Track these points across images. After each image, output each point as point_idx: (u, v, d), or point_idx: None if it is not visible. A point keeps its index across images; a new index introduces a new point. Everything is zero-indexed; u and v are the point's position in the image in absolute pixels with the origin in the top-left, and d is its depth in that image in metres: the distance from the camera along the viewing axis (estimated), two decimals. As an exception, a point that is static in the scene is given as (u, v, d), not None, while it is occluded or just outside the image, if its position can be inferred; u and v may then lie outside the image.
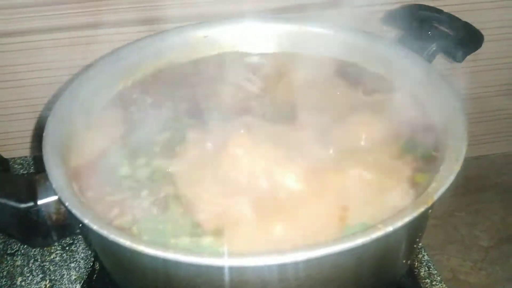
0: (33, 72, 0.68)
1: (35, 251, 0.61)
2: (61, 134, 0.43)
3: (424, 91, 0.49)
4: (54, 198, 0.38)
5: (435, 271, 0.58)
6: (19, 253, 0.61)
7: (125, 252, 0.33)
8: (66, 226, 0.39)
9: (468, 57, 0.53)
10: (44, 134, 0.41)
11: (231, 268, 0.30)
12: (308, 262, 0.30)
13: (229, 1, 0.65)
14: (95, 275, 0.57)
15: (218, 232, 0.35)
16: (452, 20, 0.56)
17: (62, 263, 0.60)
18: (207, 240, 0.34)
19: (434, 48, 0.55)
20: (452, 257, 1.04)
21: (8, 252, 0.61)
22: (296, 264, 0.31)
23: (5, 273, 0.59)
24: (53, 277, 0.58)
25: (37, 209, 0.37)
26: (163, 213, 0.38)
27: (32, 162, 0.74)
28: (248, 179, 0.38)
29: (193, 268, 0.30)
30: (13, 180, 0.38)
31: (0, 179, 0.37)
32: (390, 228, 0.31)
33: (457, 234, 1.08)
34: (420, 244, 0.49)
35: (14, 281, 0.58)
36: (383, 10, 0.62)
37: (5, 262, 0.60)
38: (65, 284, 0.58)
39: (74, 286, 0.57)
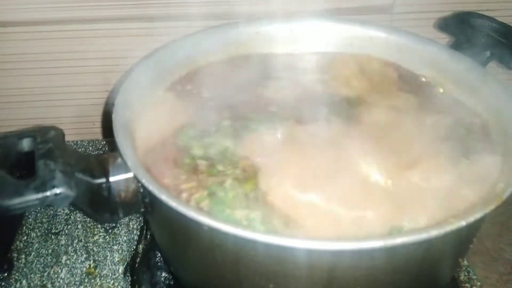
0: (105, 60, 0.69)
1: (78, 231, 0.63)
2: (126, 118, 0.44)
3: (480, 94, 0.50)
4: (124, 176, 0.39)
5: (475, 276, 0.58)
6: (63, 232, 0.63)
7: (196, 230, 0.34)
8: (133, 204, 0.40)
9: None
10: (113, 116, 0.42)
11: (307, 251, 0.31)
12: (380, 250, 0.31)
13: (280, 1, 0.66)
14: (138, 258, 0.58)
15: (288, 218, 0.36)
16: (505, 28, 0.57)
17: (105, 245, 0.61)
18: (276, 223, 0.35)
19: (487, 55, 0.55)
20: (477, 269, 1.03)
21: (53, 231, 0.63)
22: (368, 251, 0.31)
23: (50, 250, 0.60)
24: (96, 258, 0.59)
25: (108, 186, 0.38)
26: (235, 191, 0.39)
27: (104, 144, 0.75)
28: (326, 168, 0.39)
29: (268, 248, 0.31)
30: (85, 157, 0.39)
31: (76, 156, 0.38)
32: (463, 223, 0.32)
33: (482, 246, 1.08)
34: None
35: (59, 259, 0.59)
36: (436, 17, 0.63)
37: (50, 241, 0.62)
38: (108, 265, 0.59)
39: (117, 267, 0.58)
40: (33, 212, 0.65)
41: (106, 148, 0.75)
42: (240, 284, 0.37)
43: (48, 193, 0.32)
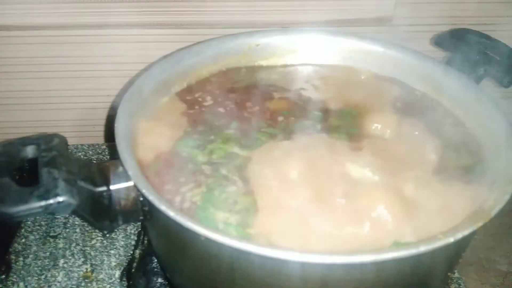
0: (106, 65, 0.71)
1: (76, 235, 0.64)
2: (129, 127, 0.45)
3: (473, 111, 0.51)
4: (125, 184, 0.40)
5: (465, 288, 0.59)
6: (61, 236, 0.64)
7: (192, 240, 0.35)
8: (132, 212, 0.41)
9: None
10: (115, 125, 0.43)
11: (301, 264, 0.32)
12: (371, 265, 0.32)
13: (283, 11, 0.67)
14: (134, 263, 0.59)
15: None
16: (500, 46, 0.58)
17: (103, 249, 0.62)
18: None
19: (481, 72, 0.57)
20: (470, 279, 1.05)
21: (51, 234, 0.64)
22: (359, 265, 0.32)
23: (48, 254, 0.61)
24: (93, 262, 0.60)
25: (109, 194, 0.39)
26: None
27: (104, 148, 0.76)
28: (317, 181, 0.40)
29: (263, 260, 0.32)
30: (87, 165, 0.40)
31: (78, 164, 0.39)
32: (451, 239, 0.33)
33: (475, 257, 1.09)
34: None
35: (57, 263, 0.60)
36: (434, 30, 0.64)
37: (48, 244, 0.62)
38: (105, 269, 0.60)
39: (114, 272, 0.59)
40: (32, 215, 0.66)
41: (106, 152, 0.76)
42: (235, 293, 0.38)
43: (51, 201, 0.33)
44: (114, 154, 0.41)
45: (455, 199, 0.40)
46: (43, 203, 0.33)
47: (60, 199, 0.34)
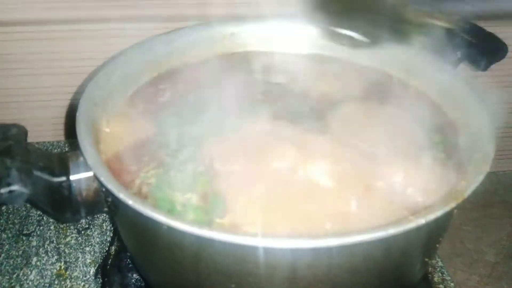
0: (66, 61, 0.69)
1: (50, 233, 0.62)
2: (92, 117, 0.44)
3: (450, 94, 0.50)
4: (86, 174, 0.38)
5: (448, 277, 0.58)
6: (34, 234, 0.62)
7: (155, 229, 0.33)
8: (95, 204, 0.39)
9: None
10: (77, 114, 0.42)
11: (265, 249, 0.30)
12: (338, 248, 0.31)
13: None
14: (110, 260, 0.57)
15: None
16: (476, 29, 0.57)
17: (77, 247, 0.60)
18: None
19: (458, 56, 0.56)
20: (458, 271, 1.04)
21: (24, 232, 0.62)
22: (325, 249, 0.31)
23: (20, 252, 0.59)
24: (68, 259, 0.59)
25: (69, 184, 0.38)
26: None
27: (66, 145, 0.74)
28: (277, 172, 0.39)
29: (226, 246, 0.31)
30: (46, 155, 0.38)
31: (35, 153, 0.37)
32: (422, 221, 0.32)
33: (463, 248, 1.08)
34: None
35: (30, 261, 0.58)
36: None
37: (21, 242, 0.61)
38: (79, 267, 0.58)
39: (88, 269, 0.58)
40: (5, 213, 0.64)
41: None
42: (203, 284, 0.37)
43: (2, 190, 0.32)
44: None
45: (429, 180, 0.39)
46: (-7, 192, 0.32)
47: (11, 188, 0.32)
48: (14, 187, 0.32)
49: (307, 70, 0.58)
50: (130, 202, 0.33)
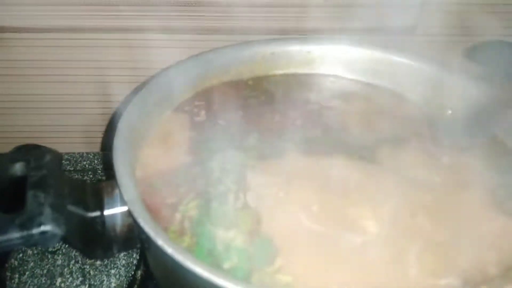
0: (85, 69, 0.67)
1: (76, 251, 0.60)
2: (129, 143, 0.41)
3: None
4: (121, 209, 0.36)
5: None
6: (60, 252, 0.60)
7: (194, 279, 0.31)
8: (128, 240, 0.37)
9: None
10: (115, 140, 0.39)
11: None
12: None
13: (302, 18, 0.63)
14: (135, 286, 0.55)
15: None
16: None
17: (103, 268, 0.58)
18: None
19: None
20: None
21: (50, 250, 0.60)
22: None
23: (45, 271, 0.58)
24: (92, 282, 0.57)
25: (103, 220, 0.35)
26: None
27: (79, 159, 0.73)
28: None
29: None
30: (80, 186, 0.36)
31: (70, 185, 0.35)
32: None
33: None
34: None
35: (54, 281, 0.56)
36: (464, 41, 0.58)
37: (46, 260, 0.59)
38: (104, 290, 0.56)
39: (113, 294, 0.56)
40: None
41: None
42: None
43: (33, 231, 0.29)
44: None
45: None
46: (24, 233, 0.29)
47: (44, 228, 0.30)
48: (47, 228, 0.30)
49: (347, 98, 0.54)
50: (169, 250, 0.30)
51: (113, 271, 0.58)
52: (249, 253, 0.35)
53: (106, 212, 0.35)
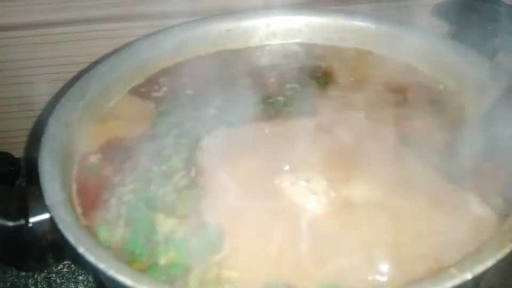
0: (31, 69, 0.62)
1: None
2: (63, 138, 0.37)
3: (487, 93, 0.41)
4: (48, 215, 0.32)
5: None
6: (24, 262, 0.57)
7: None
8: (65, 248, 0.33)
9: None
10: (42, 138, 0.36)
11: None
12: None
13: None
14: (104, 291, 0.51)
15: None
16: (517, 11, 0.48)
17: (70, 275, 0.55)
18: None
19: (495, 46, 0.47)
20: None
21: (13, 261, 0.57)
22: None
23: (8, 284, 0.54)
24: (59, 291, 0.54)
25: (29, 228, 0.31)
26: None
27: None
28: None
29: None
30: (3, 192, 0.32)
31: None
32: (468, 276, 0.24)
33: None
34: None
35: (17, 295, 0.53)
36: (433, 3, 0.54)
37: (9, 272, 0.55)
38: (71, 299, 0.53)
39: (81, 302, 0.52)
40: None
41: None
42: None
43: None
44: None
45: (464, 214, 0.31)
46: None
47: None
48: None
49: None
50: (91, 258, 0.26)
51: (81, 278, 0.55)
52: (189, 244, 0.31)
53: (32, 220, 0.32)
